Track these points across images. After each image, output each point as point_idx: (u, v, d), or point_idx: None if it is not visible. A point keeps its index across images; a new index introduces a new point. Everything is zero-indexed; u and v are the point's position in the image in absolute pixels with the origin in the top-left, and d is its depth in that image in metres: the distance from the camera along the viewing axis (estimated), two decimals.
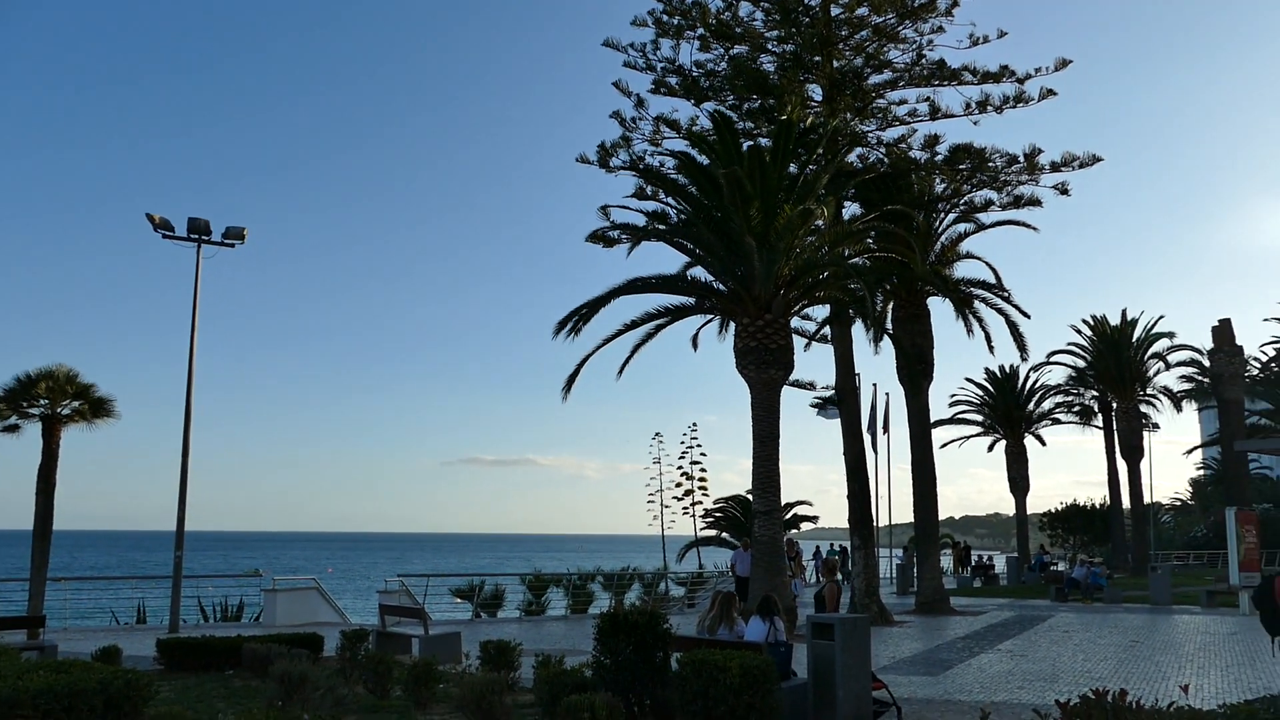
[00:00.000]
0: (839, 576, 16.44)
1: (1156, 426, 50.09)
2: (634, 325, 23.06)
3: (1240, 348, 41.47)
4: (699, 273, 23.17)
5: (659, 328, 23.48)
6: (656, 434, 51.87)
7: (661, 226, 23.59)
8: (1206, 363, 43.42)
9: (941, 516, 29.92)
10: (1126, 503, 48.25)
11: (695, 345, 25.82)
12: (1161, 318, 48.97)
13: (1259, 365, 44.67)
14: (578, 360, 22.50)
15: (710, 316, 24.34)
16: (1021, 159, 26.49)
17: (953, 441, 53.95)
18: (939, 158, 26.92)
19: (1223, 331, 41.34)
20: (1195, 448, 60.29)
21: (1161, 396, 48.84)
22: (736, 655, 9.79)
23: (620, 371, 24.22)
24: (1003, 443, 50.74)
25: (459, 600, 28.73)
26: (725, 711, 9.44)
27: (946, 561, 49.13)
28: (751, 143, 23.70)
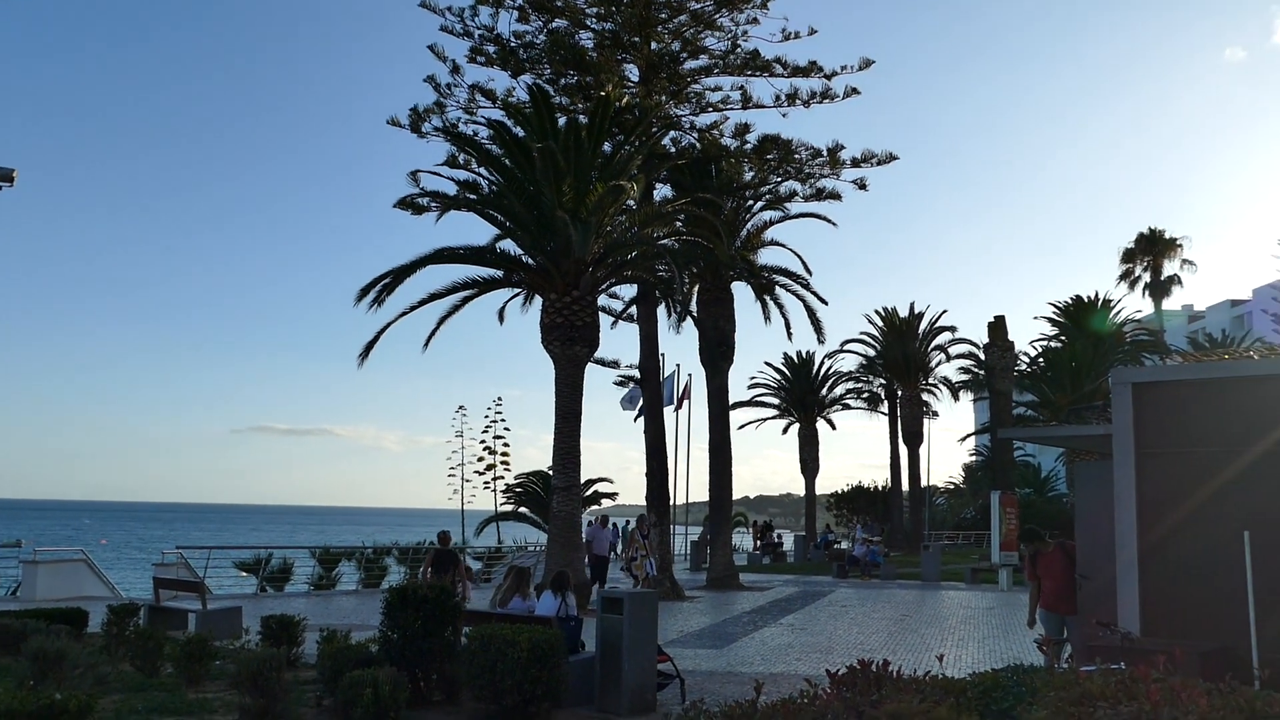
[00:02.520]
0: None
1: (936, 414, 53.52)
2: (440, 295, 22.67)
3: (1012, 343, 44.65)
4: (509, 246, 22.98)
5: (466, 299, 23.16)
6: (460, 407, 51.25)
7: (473, 196, 23.27)
8: (982, 356, 46.55)
9: (737, 496, 30.90)
10: (906, 485, 51.33)
11: (502, 319, 25.69)
12: (945, 312, 52.23)
13: (1028, 360, 48.23)
14: (381, 329, 21.94)
15: (518, 290, 24.21)
16: (825, 153, 27.58)
17: (750, 423, 55.81)
18: (748, 146, 27.65)
19: (997, 328, 44.37)
20: (968, 435, 64.64)
21: (941, 386, 52.20)
22: (526, 630, 9.79)
23: (426, 343, 23.80)
24: (796, 425, 52.86)
25: (244, 574, 27.52)
26: (512, 685, 9.44)
27: (742, 539, 51.01)
28: (567, 118, 23.65)
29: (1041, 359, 46.50)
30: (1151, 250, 56.34)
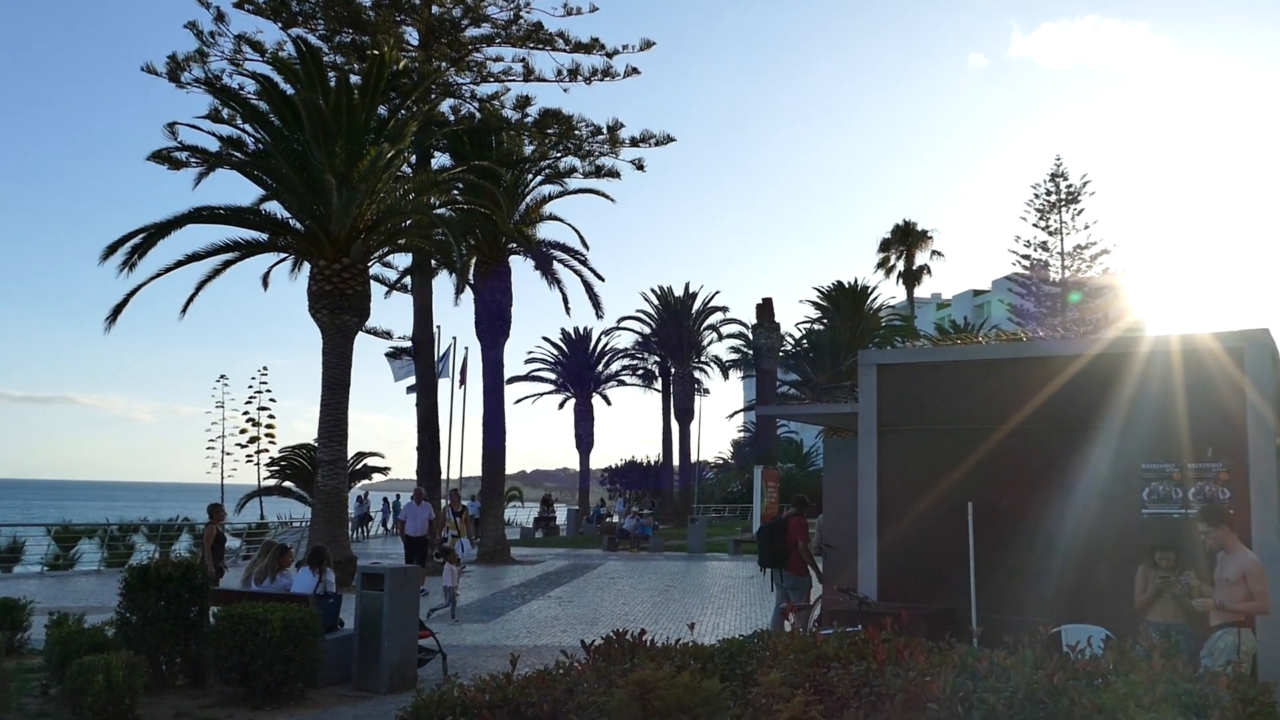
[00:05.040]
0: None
1: (707, 392, 55.43)
2: (199, 257, 21.35)
3: (778, 324, 46.69)
4: (276, 208, 21.91)
5: (228, 263, 21.95)
6: (222, 376, 48.62)
7: (236, 154, 21.97)
8: (751, 336, 48.46)
9: (513, 470, 30.97)
10: (677, 460, 52.88)
11: (266, 284, 24.54)
12: (718, 293, 54.03)
13: (793, 341, 50.59)
14: (132, 291, 20.44)
15: (285, 255, 23.15)
16: (605, 131, 27.84)
17: (527, 398, 55.90)
18: (529, 119, 27.52)
19: (765, 309, 46.26)
20: (736, 412, 67.18)
21: (713, 364, 54.04)
22: (280, 608, 9.44)
23: (184, 310, 22.37)
24: (573, 401, 53.37)
25: None
26: (263, 666, 9.08)
27: (517, 514, 51.09)
28: (340, 77, 22.73)
29: (805, 340, 48.92)
30: (905, 241, 60.06)
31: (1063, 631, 7.88)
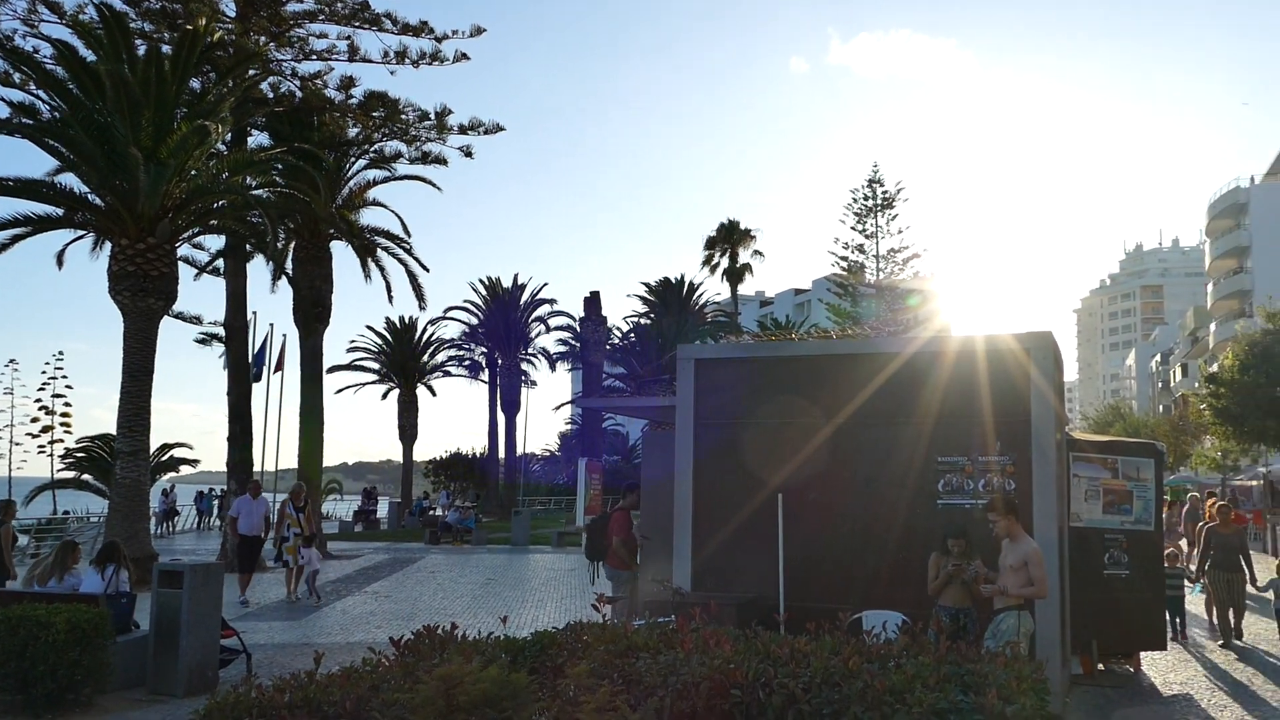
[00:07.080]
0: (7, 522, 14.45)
1: (535, 384, 55.29)
2: None
3: (605, 318, 47.05)
4: (73, 182, 20.50)
5: (17, 238, 20.48)
6: (11, 361, 45.11)
7: (29, 121, 20.43)
8: (578, 329, 48.63)
9: (335, 462, 30.12)
10: (503, 452, 52.52)
11: (60, 263, 22.91)
12: (546, 285, 53.91)
13: (620, 335, 51.06)
14: None
15: (84, 233, 21.70)
16: (433, 116, 27.30)
17: (349, 387, 54.44)
18: (354, 101, 26.71)
19: (593, 303, 46.50)
20: (563, 404, 67.48)
21: (540, 356, 53.92)
22: (65, 609, 8.85)
23: None
24: (397, 391, 52.25)
25: None
26: (45, 672, 8.50)
27: (336, 507, 49.63)
28: (150, 46, 21.45)
29: (632, 334, 49.48)
30: (730, 239, 61.34)
31: (863, 617, 8.23)
